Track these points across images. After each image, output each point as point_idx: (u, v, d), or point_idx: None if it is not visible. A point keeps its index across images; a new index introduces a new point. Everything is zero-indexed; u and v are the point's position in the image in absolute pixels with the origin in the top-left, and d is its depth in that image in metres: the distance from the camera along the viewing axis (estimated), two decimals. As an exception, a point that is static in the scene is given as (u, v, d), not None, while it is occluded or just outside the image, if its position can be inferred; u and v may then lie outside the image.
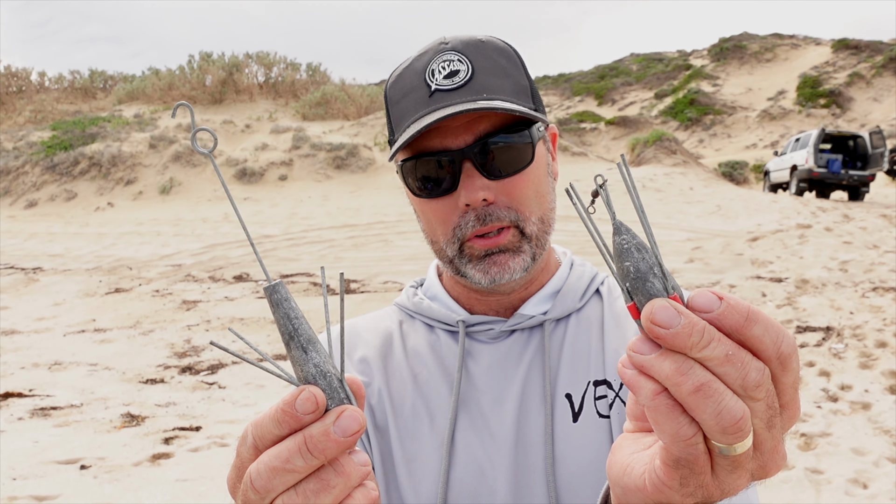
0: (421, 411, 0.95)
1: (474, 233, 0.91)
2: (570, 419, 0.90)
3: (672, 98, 48.86)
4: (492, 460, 0.90)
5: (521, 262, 0.92)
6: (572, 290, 1.01)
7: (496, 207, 0.90)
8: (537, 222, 0.93)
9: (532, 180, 0.92)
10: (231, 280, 9.20)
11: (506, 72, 0.92)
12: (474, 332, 0.99)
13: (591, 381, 0.92)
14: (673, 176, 18.94)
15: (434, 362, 0.98)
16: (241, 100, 24.95)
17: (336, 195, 16.85)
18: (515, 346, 0.97)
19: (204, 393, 5.18)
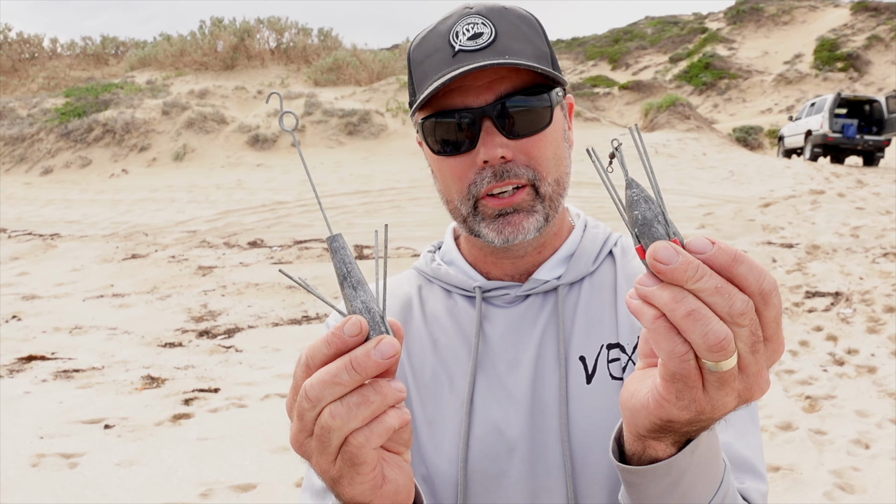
0: (441, 375, 0.98)
1: (488, 190, 0.92)
2: (584, 381, 0.93)
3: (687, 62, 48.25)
4: (508, 420, 0.93)
5: (535, 223, 0.93)
6: (585, 254, 1.02)
7: (514, 165, 0.91)
8: (553, 183, 0.95)
9: (550, 142, 0.94)
10: (246, 246, 9.31)
11: (528, 37, 0.94)
12: (491, 297, 1.01)
13: (604, 344, 0.95)
14: (686, 141, 18.82)
15: (452, 327, 1.01)
16: (252, 66, 24.89)
17: (348, 161, 16.88)
18: (530, 311, 0.99)
19: (221, 356, 5.30)
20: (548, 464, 0.92)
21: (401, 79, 21.66)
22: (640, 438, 0.65)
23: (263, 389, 4.49)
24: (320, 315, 6.39)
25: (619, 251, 1.06)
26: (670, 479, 0.66)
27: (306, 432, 0.60)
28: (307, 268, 7.92)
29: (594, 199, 11.37)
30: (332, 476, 0.62)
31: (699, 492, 0.68)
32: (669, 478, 0.66)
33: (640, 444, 0.66)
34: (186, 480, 3.17)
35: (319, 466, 0.62)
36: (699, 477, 0.68)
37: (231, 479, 3.19)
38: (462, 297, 1.04)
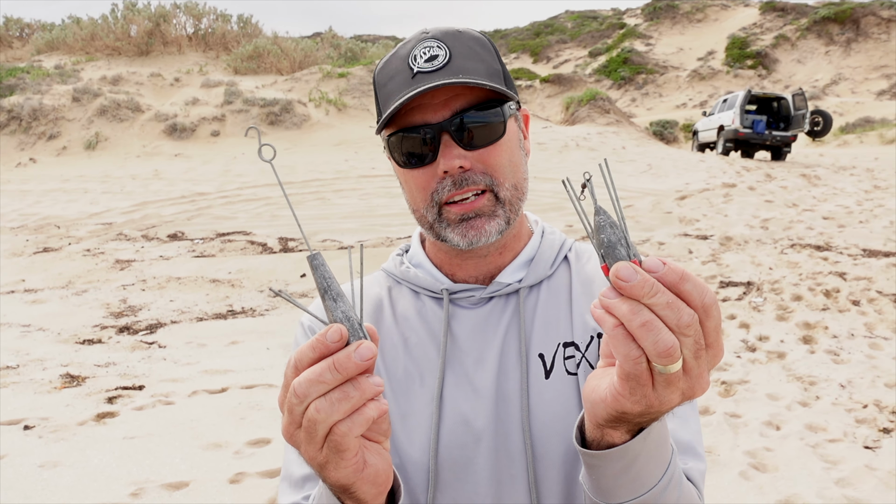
0: (412, 372, 1.06)
1: (449, 197, 1.00)
2: (543, 376, 1.02)
3: (606, 57, 49.35)
4: (475, 412, 1.02)
5: (497, 226, 1.01)
6: (544, 259, 1.11)
7: (472, 173, 1.00)
8: (511, 188, 1.03)
9: (505, 151, 1.02)
10: (165, 239, 9.07)
11: (480, 57, 1.02)
12: (457, 299, 1.09)
13: (560, 342, 1.04)
14: (606, 135, 19.29)
15: (422, 327, 1.09)
16: (169, 52, 24.12)
17: (270, 152, 16.57)
18: (494, 311, 1.08)
19: (144, 353, 5.17)
20: (511, 451, 1.00)
21: (323, 68, 21.40)
22: (598, 427, 0.75)
23: (190, 386, 4.40)
24: (245, 309, 6.29)
25: (573, 256, 1.15)
26: (625, 461, 0.76)
27: (295, 424, 0.68)
28: (231, 261, 7.78)
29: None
30: (318, 462, 0.70)
31: (650, 472, 0.78)
32: (624, 461, 0.76)
33: (599, 431, 0.76)
34: (115, 480, 3.09)
35: (307, 454, 0.70)
36: (650, 459, 0.77)
37: (162, 477, 3.13)
38: (430, 299, 1.11)
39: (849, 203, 10.71)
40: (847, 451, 3.55)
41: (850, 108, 38.71)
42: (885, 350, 4.96)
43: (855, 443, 3.64)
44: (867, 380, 4.45)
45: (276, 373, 4.64)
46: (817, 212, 10.01)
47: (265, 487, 3.06)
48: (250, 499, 2.97)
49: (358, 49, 26.24)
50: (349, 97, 20.15)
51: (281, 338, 5.41)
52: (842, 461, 3.44)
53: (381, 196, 11.40)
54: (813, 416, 3.95)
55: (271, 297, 6.64)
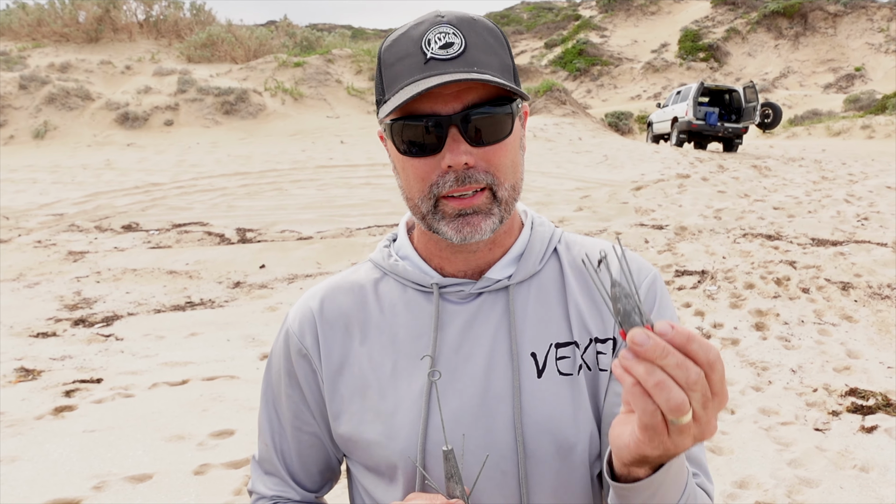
0: (400, 368, 1.06)
1: (450, 192, 0.98)
2: (535, 375, 1.04)
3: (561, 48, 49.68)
4: (463, 409, 1.03)
5: (491, 224, 1.01)
6: (533, 254, 1.11)
7: (475, 171, 0.98)
8: (509, 188, 1.01)
9: (509, 150, 1.00)
10: (119, 230, 8.89)
11: (494, 50, 1.00)
12: (446, 293, 1.09)
13: (552, 343, 1.05)
14: (562, 126, 19.47)
15: (410, 321, 1.08)
16: (119, 39, 23.56)
17: (225, 142, 16.36)
18: (484, 308, 1.07)
19: (101, 345, 5.08)
20: (501, 448, 1.02)
21: (279, 57, 21.13)
22: (625, 465, 0.84)
23: (150, 378, 4.35)
24: (204, 301, 6.22)
25: (563, 248, 1.15)
26: (650, 491, 0.85)
27: None
28: (188, 252, 7.67)
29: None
30: None
31: (672, 495, 0.88)
32: (649, 490, 0.85)
33: (626, 469, 0.85)
34: (76, 474, 3.05)
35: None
36: (671, 486, 0.87)
37: (124, 470, 3.10)
38: (417, 292, 1.10)
39: (798, 193, 11.00)
40: (798, 433, 3.67)
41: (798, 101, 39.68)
42: (834, 336, 5.14)
43: (806, 425, 3.77)
44: (817, 364, 4.61)
45: (237, 364, 4.61)
46: (768, 202, 10.27)
47: (230, 478, 3.05)
48: (215, 490, 2.96)
49: (314, 38, 25.98)
50: (305, 87, 19.95)
51: (241, 329, 5.37)
52: (793, 443, 3.56)
53: (340, 187, 11.34)
54: (766, 400, 4.08)
55: (230, 287, 6.58)
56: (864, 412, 3.91)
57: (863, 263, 6.83)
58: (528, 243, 1.12)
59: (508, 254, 1.10)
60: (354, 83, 20.79)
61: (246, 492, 2.94)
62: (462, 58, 0.96)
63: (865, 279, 6.40)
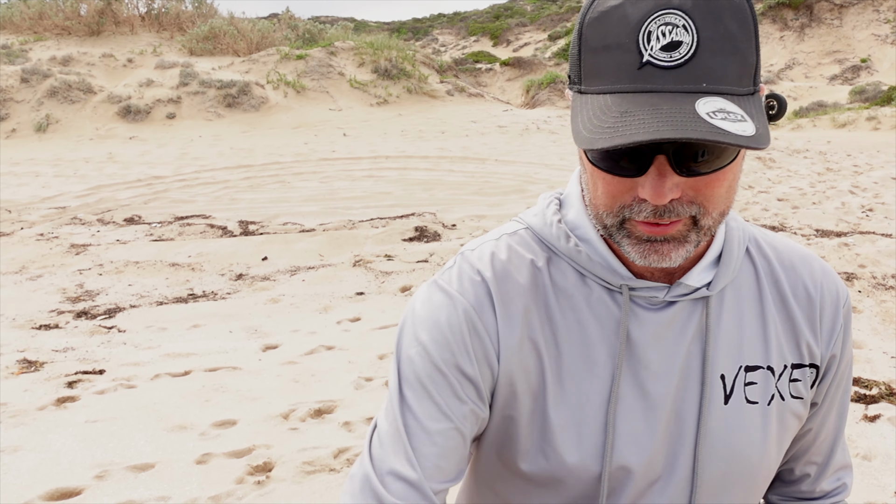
0: (580, 375, 0.92)
1: (644, 220, 0.81)
2: (722, 401, 0.92)
3: (565, 40, 49.52)
4: (646, 431, 0.92)
5: (684, 252, 0.84)
6: (732, 259, 0.95)
7: (678, 203, 0.80)
8: (717, 216, 0.84)
9: (728, 178, 0.82)
10: (122, 223, 8.90)
11: (735, 46, 0.76)
12: (635, 297, 0.92)
13: (742, 365, 0.93)
14: (566, 118, 19.41)
15: (591, 321, 0.93)
16: (121, 32, 23.53)
17: (228, 135, 16.35)
18: (678, 318, 0.92)
19: (103, 337, 5.08)
20: (677, 477, 0.93)
21: (281, 50, 21.10)
22: None
23: (152, 369, 4.35)
24: (207, 293, 6.22)
25: (755, 250, 0.99)
26: None
27: None
28: (190, 245, 7.67)
29: (479, 173, 11.58)
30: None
31: None
32: None
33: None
34: (78, 463, 3.05)
35: None
36: None
37: (127, 459, 3.10)
38: (601, 288, 0.93)
39: (802, 185, 10.97)
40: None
41: (803, 93, 39.53)
42: (837, 325, 5.12)
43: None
44: (820, 354, 4.60)
45: (240, 355, 4.61)
46: (772, 193, 10.24)
47: (232, 467, 3.05)
48: (217, 478, 2.96)
49: (316, 31, 25.92)
50: (308, 79, 19.92)
51: (243, 321, 5.37)
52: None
53: (342, 179, 11.34)
54: (769, 389, 4.07)
55: (233, 280, 6.58)
56: (867, 401, 3.90)
57: (867, 254, 6.81)
58: (725, 245, 0.95)
59: (706, 257, 0.93)
60: (357, 76, 20.75)
61: (248, 480, 2.94)
62: (688, 66, 0.74)
63: (870, 270, 6.38)
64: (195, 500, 2.80)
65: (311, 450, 3.18)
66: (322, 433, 3.37)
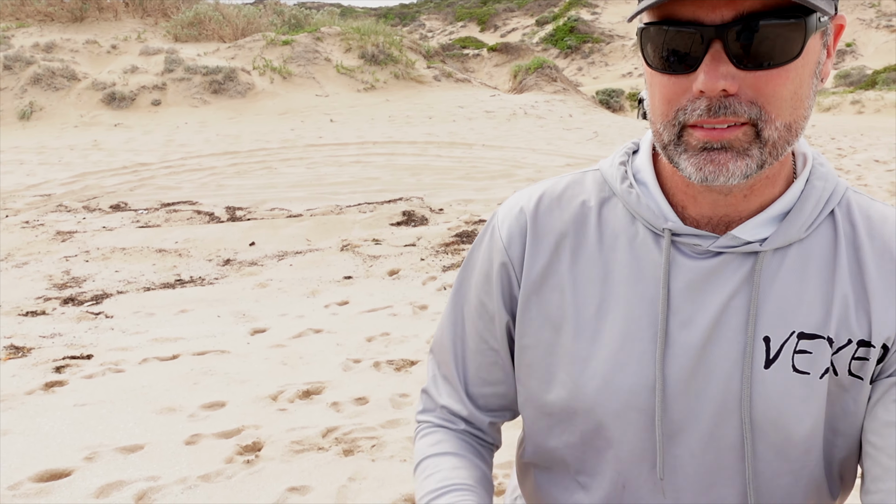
0: (605, 311, 0.92)
1: (699, 122, 0.78)
2: (763, 364, 0.86)
3: (552, 25, 49.42)
4: (669, 380, 0.89)
5: (744, 167, 0.79)
6: (802, 216, 0.88)
7: (736, 100, 0.76)
8: (782, 128, 0.78)
9: (792, 79, 0.76)
10: (108, 210, 8.86)
11: None
12: (679, 242, 0.89)
13: (796, 331, 0.86)
14: (553, 103, 19.42)
15: (630, 262, 0.92)
16: (104, 18, 23.29)
17: (214, 121, 16.26)
18: (722, 271, 0.88)
19: (90, 323, 5.08)
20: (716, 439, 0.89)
21: (267, 35, 20.96)
22: None
23: (140, 354, 4.36)
24: (194, 278, 6.22)
25: (842, 212, 0.90)
26: None
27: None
28: (177, 231, 7.66)
29: (466, 158, 11.59)
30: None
31: None
32: None
33: None
34: (68, 446, 3.07)
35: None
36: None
37: (116, 441, 3.12)
38: (647, 231, 0.92)
39: (786, 168, 11.05)
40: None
41: (788, 77, 39.57)
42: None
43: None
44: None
45: (228, 339, 4.62)
46: (757, 176, 10.31)
47: (222, 447, 3.08)
48: (207, 458, 2.99)
49: (302, 16, 25.75)
50: (294, 65, 19.81)
51: (232, 305, 5.38)
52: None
53: (329, 165, 11.32)
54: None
55: (220, 265, 6.58)
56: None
57: (850, 235, 6.88)
58: (799, 201, 0.88)
59: (769, 209, 0.88)
60: (344, 61, 20.65)
61: (237, 460, 2.97)
62: None
63: (852, 250, 6.46)
64: (185, 479, 2.82)
65: (300, 430, 3.21)
66: (310, 413, 3.40)
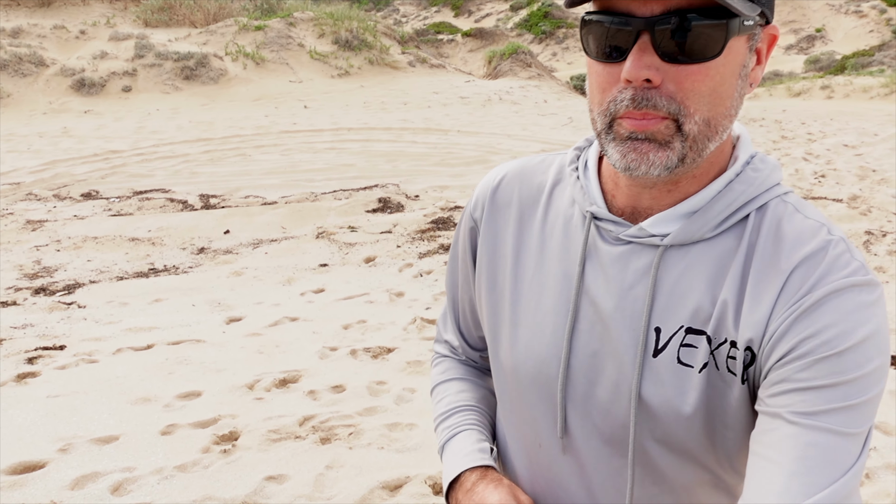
0: (536, 283, 1.00)
1: (626, 114, 0.82)
2: (651, 353, 0.90)
3: (527, 11, 49.31)
4: (610, 357, 0.94)
5: (664, 159, 0.83)
6: (707, 217, 0.89)
7: (657, 93, 0.80)
8: (700, 123, 0.82)
9: (712, 77, 0.80)
10: (79, 198, 8.74)
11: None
12: (600, 227, 0.95)
13: (684, 325, 0.89)
14: (528, 89, 19.43)
15: (561, 240, 1.00)
16: (72, 3, 22.85)
17: (186, 108, 16.07)
18: (628, 258, 0.93)
19: (63, 313, 5.03)
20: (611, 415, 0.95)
21: (240, 20, 20.72)
22: None
23: (114, 344, 4.33)
24: (168, 267, 6.18)
25: (758, 217, 0.90)
26: None
27: None
28: (150, 219, 7.58)
29: (442, 144, 11.58)
30: None
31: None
32: None
33: None
34: (41, 437, 3.05)
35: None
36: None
37: (90, 432, 3.10)
38: (580, 213, 0.99)
39: (758, 153, 11.16)
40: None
41: (760, 62, 39.88)
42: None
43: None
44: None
45: (203, 328, 4.60)
46: (729, 161, 10.41)
47: (198, 437, 3.08)
48: (182, 448, 2.98)
49: (275, 1, 25.47)
50: (267, 51, 19.61)
51: (206, 294, 5.35)
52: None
53: (304, 151, 11.25)
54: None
55: (194, 253, 6.53)
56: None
57: (819, 219, 6.99)
58: (710, 201, 0.89)
59: (679, 206, 0.90)
60: (317, 47, 20.48)
61: (214, 449, 2.97)
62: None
63: (821, 234, 6.56)
64: (161, 469, 2.82)
65: (277, 418, 3.22)
66: (287, 402, 3.40)
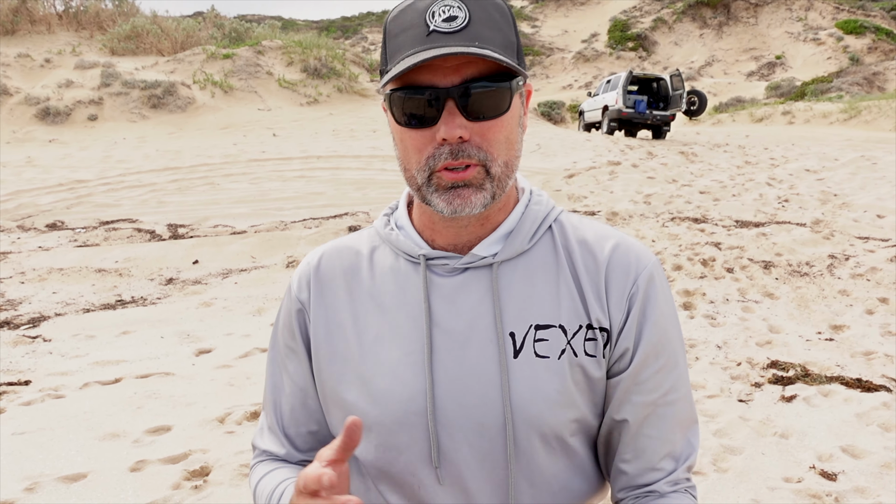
0: (382, 335, 1.09)
1: (444, 165, 0.99)
2: (512, 355, 1.05)
3: (494, 38, 50.00)
4: (439, 383, 1.05)
5: (482, 199, 1.01)
6: (522, 233, 1.10)
7: (469, 146, 0.98)
8: (502, 165, 1.01)
9: (504, 127, 1.01)
10: (44, 229, 8.61)
11: (498, 26, 1.00)
12: (433, 266, 1.10)
13: (533, 324, 1.06)
14: (496, 116, 19.58)
15: (397, 290, 1.11)
16: (37, 31, 22.67)
17: (154, 137, 15.96)
18: (468, 283, 1.08)
19: (27, 347, 4.93)
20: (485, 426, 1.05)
21: (207, 49, 20.70)
22: None
23: (81, 378, 4.25)
24: (136, 298, 6.10)
25: (557, 228, 1.14)
26: None
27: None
28: (117, 250, 7.49)
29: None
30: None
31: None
32: None
33: None
34: (7, 476, 2.97)
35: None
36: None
37: (57, 470, 3.03)
38: (408, 262, 1.12)
39: (723, 178, 11.37)
40: (723, 405, 3.84)
41: (722, 89, 40.86)
42: (756, 312, 5.36)
43: (730, 397, 3.94)
44: (741, 340, 4.81)
45: (172, 361, 4.54)
46: (695, 186, 10.59)
47: (168, 473, 3.02)
48: (153, 486, 2.93)
49: (243, 29, 25.50)
50: (235, 79, 19.60)
51: (175, 325, 5.29)
52: (719, 414, 3.72)
53: (273, 180, 11.21)
54: (693, 375, 4.24)
55: (163, 284, 6.45)
56: (784, 383, 4.11)
57: (783, 243, 7.13)
58: (519, 222, 1.11)
59: (498, 231, 1.10)
60: (286, 75, 20.51)
61: (185, 485, 2.92)
62: (465, 32, 0.96)
63: (786, 258, 6.69)
64: (130, 507, 2.77)
65: (249, 452, 3.17)
66: (259, 435, 3.36)
